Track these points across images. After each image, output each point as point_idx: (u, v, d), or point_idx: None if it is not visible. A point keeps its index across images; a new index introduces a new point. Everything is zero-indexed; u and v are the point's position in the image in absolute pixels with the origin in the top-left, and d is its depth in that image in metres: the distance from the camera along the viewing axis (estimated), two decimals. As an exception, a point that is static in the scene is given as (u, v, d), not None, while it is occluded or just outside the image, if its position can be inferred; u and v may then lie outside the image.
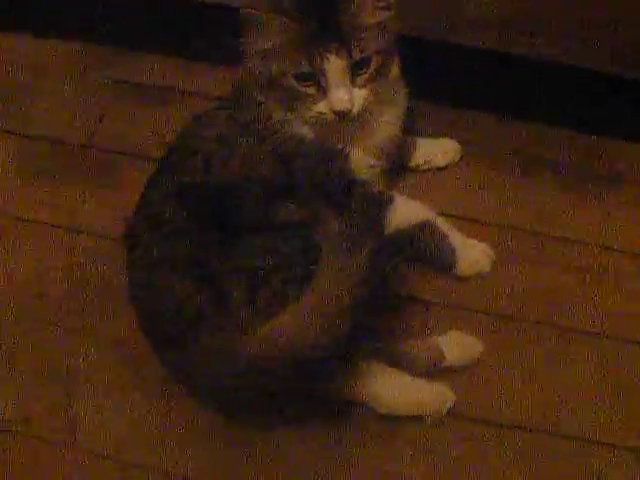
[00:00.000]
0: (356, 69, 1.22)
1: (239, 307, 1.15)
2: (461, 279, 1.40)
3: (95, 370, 1.33)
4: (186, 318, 1.16)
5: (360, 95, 1.24)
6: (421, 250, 1.37)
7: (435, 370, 1.29)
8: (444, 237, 1.38)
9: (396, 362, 1.26)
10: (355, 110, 1.23)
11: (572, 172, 1.55)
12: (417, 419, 1.26)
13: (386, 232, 1.28)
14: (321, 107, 1.23)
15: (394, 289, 1.37)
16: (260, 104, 1.27)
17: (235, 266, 1.16)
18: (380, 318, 1.26)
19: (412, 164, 1.53)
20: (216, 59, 1.67)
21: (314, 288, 1.13)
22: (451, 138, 1.57)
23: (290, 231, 1.18)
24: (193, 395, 1.27)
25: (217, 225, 1.18)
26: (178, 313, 1.17)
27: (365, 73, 1.23)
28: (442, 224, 1.38)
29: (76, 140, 1.61)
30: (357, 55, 1.21)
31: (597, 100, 1.55)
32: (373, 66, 1.23)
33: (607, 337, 1.35)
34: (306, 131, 1.28)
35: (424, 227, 1.36)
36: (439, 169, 1.55)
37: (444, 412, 1.26)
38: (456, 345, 1.30)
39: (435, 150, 1.55)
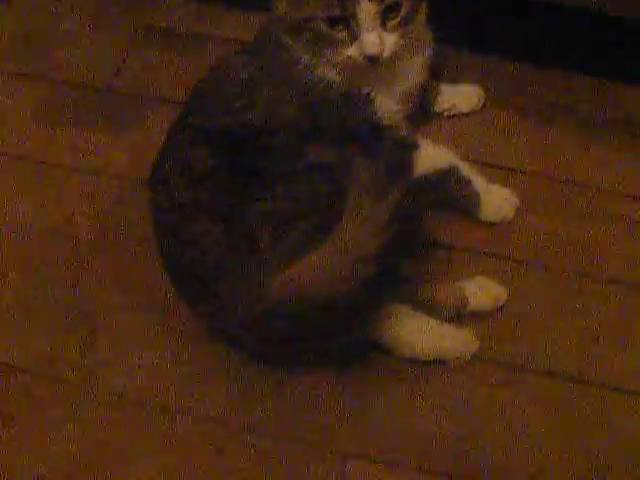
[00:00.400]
0: (387, 13, 1.21)
1: (267, 249, 1.14)
2: (485, 224, 1.40)
3: (121, 313, 1.33)
4: (214, 260, 1.16)
5: (390, 39, 1.23)
6: (446, 195, 1.38)
7: (460, 315, 1.29)
8: (468, 183, 1.37)
9: (421, 306, 1.26)
10: (385, 54, 1.23)
11: (598, 121, 1.53)
12: (441, 363, 1.26)
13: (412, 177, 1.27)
14: (351, 51, 1.23)
15: (418, 234, 1.37)
16: (288, 48, 1.26)
17: (263, 209, 1.16)
18: (405, 263, 1.26)
19: (436, 109, 1.53)
20: (241, 3, 1.66)
21: (340, 232, 1.12)
22: (474, 84, 1.56)
23: (318, 174, 1.17)
24: (221, 339, 1.27)
25: (245, 169, 1.18)
26: (206, 256, 1.17)
27: (396, 17, 1.22)
28: (466, 169, 1.37)
29: (98, 84, 1.60)
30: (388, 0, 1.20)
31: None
32: (404, 11, 1.22)
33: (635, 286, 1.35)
34: (334, 75, 1.27)
35: (448, 172, 1.36)
36: (463, 115, 1.54)
37: (468, 358, 1.26)
38: (480, 290, 1.30)
39: (459, 96, 1.54)
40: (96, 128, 1.54)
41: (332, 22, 1.21)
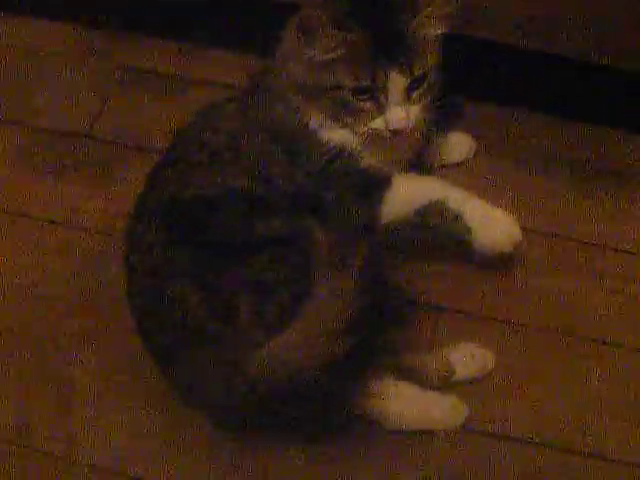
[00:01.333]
0: (413, 84, 1.15)
1: (247, 321, 1.11)
2: (470, 282, 1.35)
3: (94, 378, 1.29)
4: (190, 329, 1.12)
5: (414, 111, 1.17)
6: (431, 235, 1.28)
7: (445, 384, 1.25)
8: (456, 219, 1.24)
9: (405, 376, 1.22)
10: (410, 126, 1.17)
11: (589, 171, 1.50)
12: (429, 434, 1.22)
13: (386, 218, 1.22)
14: (377, 123, 1.17)
15: (399, 294, 1.32)
16: (294, 108, 1.20)
17: (242, 279, 1.12)
18: (386, 328, 1.22)
19: (426, 161, 1.47)
20: (227, 45, 1.62)
21: (308, 307, 1.09)
22: (464, 132, 1.51)
23: (275, 248, 1.13)
24: (195, 409, 1.22)
25: (207, 244, 1.14)
26: (181, 323, 1.13)
27: (420, 88, 1.16)
28: (456, 200, 1.23)
29: (76, 130, 1.56)
30: (418, 71, 1.14)
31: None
32: (428, 81, 1.16)
33: (628, 348, 1.31)
34: (350, 142, 1.20)
35: (431, 209, 1.24)
36: (453, 165, 1.50)
37: (457, 426, 1.22)
38: (467, 358, 1.26)
39: (448, 145, 1.50)
40: (73, 177, 1.50)
41: (359, 92, 1.14)
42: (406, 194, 1.24)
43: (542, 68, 1.50)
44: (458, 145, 1.50)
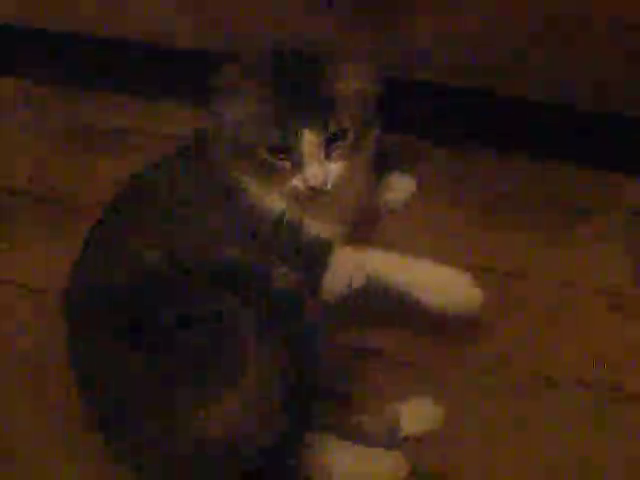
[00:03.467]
0: (331, 142, 1.14)
1: (186, 390, 1.09)
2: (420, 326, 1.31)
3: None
4: (128, 397, 1.11)
5: (335, 169, 1.15)
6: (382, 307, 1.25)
7: (393, 441, 1.22)
8: (404, 294, 1.19)
9: (350, 435, 1.20)
10: (330, 185, 1.15)
11: (538, 208, 1.49)
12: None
13: (331, 295, 1.21)
14: (295, 181, 1.16)
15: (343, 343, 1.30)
16: (228, 170, 1.19)
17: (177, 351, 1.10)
18: (328, 382, 1.20)
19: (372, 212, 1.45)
20: (169, 96, 1.63)
21: (239, 386, 1.07)
22: (403, 171, 1.50)
23: (196, 327, 1.11)
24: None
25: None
26: (120, 391, 1.11)
27: (341, 146, 1.15)
28: (396, 274, 1.19)
29: (17, 187, 1.54)
30: (333, 128, 1.13)
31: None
32: (350, 138, 1.15)
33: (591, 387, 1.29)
34: (274, 202, 1.20)
35: (373, 285, 1.21)
36: (398, 209, 1.49)
37: (400, 481, 1.20)
38: (415, 414, 1.24)
39: (389, 191, 1.48)
40: (12, 235, 1.48)
41: (275, 151, 1.14)
42: (345, 272, 1.21)
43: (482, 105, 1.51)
44: (397, 186, 1.48)
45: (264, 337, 1.08)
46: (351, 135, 1.15)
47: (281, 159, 1.14)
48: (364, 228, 1.37)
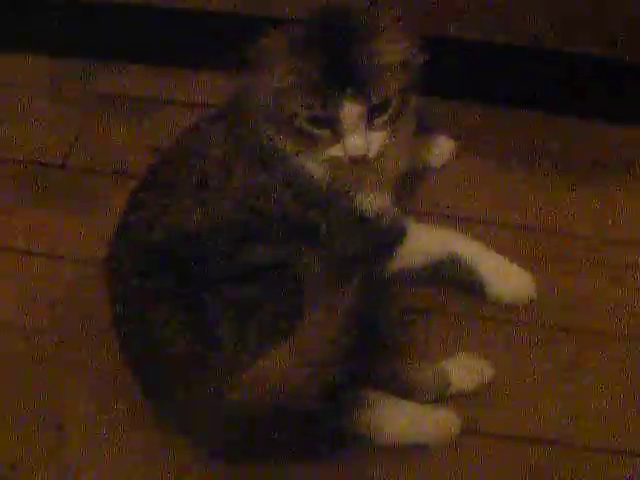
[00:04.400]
0: (374, 112, 1.11)
1: (229, 344, 1.08)
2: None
3: (88, 410, 1.24)
4: (173, 356, 1.10)
5: (377, 139, 1.12)
6: (447, 282, 1.30)
7: (441, 397, 1.21)
8: (470, 271, 1.29)
9: (399, 390, 1.18)
10: (371, 155, 1.13)
11: (573, 162, 1.49)
12: (422, 447, 1.19)
13: (397, 268, 1.24)
14: (336, 151, 1.13)
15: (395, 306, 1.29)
16: (267, 136, 1.17)
17: (225, 304, 1.09)
18: (378, 340, 1.17)
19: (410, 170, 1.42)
20: (200, 65, 1.61)
21: (296, 334, 1.06)
22: (443, 134, 1.49)
23: (264, 275, 1.10)
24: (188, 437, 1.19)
25: (190, 278, 1.11)
26: (166, 349, 1.10)
27: (383, 115, 1.12)
28: (469, 253, 1.29)
29: (52, 161, 1.53)
30: (376, 99, 1.10)
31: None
32: (392, 108, 1.12)
33: (628, 338, 1.28)
34: (316, 170, 1.18)
35: (444, 262, 1.28)
36: (435, 168, 1.48)
37: (450, 440, 1.19)
38: (464, 370, 1.23)
39: (428, 150, 1.47)
40: (50, 208, 1.47)
41: (315, 121, 1.11)
42: (421, 246, 1.27)
43: (510, 62, 1.50)
44: (437, 149, 1.48)
45: (323, 289, 1.07)
46: (394, 104, 1.12)
47: (322, 129, 1.11)
48: (406, 191, 1.38)
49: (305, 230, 1.14)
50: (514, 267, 1.31)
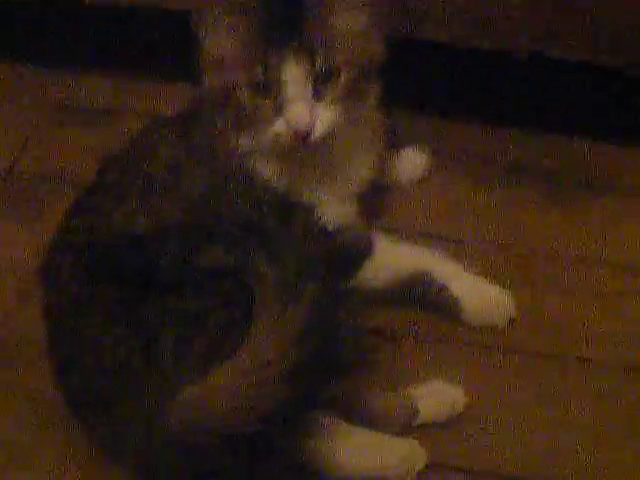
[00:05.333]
0: (321, 82, 1.02)
1: (168, 359, 0.97)
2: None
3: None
4: (108, 371, 0.99)
5: (325, 114, 1.03)
6: (418, 301, 1.21)
7: (407, 428, 1.10)
8: (442, 290, 1.20)
9: (360, 418, 1.07)
10: (318, 132, 1.03)
11: (557, 179, 1.41)
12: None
13: (365, 283, 1.17)
14: (278, 127, 1.04)
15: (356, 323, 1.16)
16: (216, 127, 1.09)
17: (165, 314, 0.98)
18: (336, 361, 1.05)
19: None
20: (155, 75, 1.53)
21: (244, 348, 0.95)
22: (415, 148, 1.41)
23: (215, 281, 0.99)
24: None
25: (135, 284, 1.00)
26: (100, 363, 0.99)
27: (332, 88, 1.03)
28: (441, 271, 1.20)
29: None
30: (322, 63, 1.01)
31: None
32: (343, 81, 1.03)
33: (609, 367, 1.19)
34: (266, 168, 1.10)
35: (415, 280, 1.20)
36: (407, 184, 1.40)
37: (413, 474, 1.06)
38: (434, 399, 1.11)
39: (402, 164, 1.39)
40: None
41: (257, 91, 1.03)
42: (388, 262, 1.19)
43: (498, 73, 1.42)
44: (411, 163, 1.40)
45: (276, 298, 0.95)
46: (344, 77, 1.03)
47: (263, 99, 1.03)
48: (374, 205, 1.30)
49: (259, 237, 1.03)
50: (491, 287, 1.22)
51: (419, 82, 1.40)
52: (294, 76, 1.00)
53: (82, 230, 1.08)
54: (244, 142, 1.08)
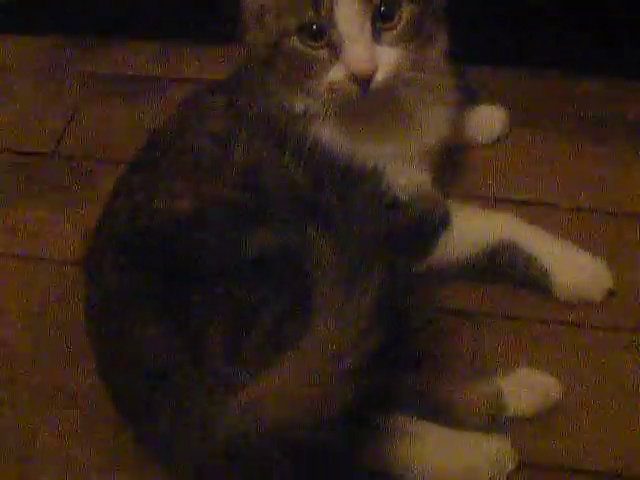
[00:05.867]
0: (381, 19, 0.91)
1: (219, 357, 0.88)
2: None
3: (62, 441, 1.05)
4: (154, 374, 0.90)
5: (387, 55, 0.92)
6: (502, 276, 1.10)
7: (493, 423, 0.98)
8: (529, 260, 1.09)
9: (440, 415, 0.96)
10: (381, 75, 0.92)
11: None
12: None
13: (442, 260, 1.07)
14: (335, 73, 0.92)
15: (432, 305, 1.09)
16: (266, 88, 1.00)
17: (212, 300, 0.90)
18: (410, 351, 0.95)
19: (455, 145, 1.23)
20: (200, 39, 1.45)
21: (305, 340, 0.85)
22: (494, 105, 1.30)
23: (271, 265, 0.90)
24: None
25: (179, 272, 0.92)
26: (144, 368, 0.91)
27: (393, 27, 0.92)
28: (529, 241, 1.09)
29: (41, 149, 1.36)
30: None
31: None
32: (404, 19, 0.92)
33: None
34: (325, 129, 0.99)
35: (498, 253, 1.08)
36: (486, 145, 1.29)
37: (503, 477, 0.95)
38: (523, 390, 1.00)
39: (478, 123, 1.27)
40: (38, 202, 1.30)
41: (309, 36, 0.92)
42: (468, 235, 1.10)
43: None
44: (489, 120, 1.28)
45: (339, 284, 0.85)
46: (407, 13, 0.92)
47: (318, 47, 0.92)
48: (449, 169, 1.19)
49: (318, 214, 0.92)
50: (586, 255, 1.10)
51: (490, 34, 1.29)
52: (350, 13, 0.89)
53: (124, 214, 1.00)
54: (299, 101, 0.99)
